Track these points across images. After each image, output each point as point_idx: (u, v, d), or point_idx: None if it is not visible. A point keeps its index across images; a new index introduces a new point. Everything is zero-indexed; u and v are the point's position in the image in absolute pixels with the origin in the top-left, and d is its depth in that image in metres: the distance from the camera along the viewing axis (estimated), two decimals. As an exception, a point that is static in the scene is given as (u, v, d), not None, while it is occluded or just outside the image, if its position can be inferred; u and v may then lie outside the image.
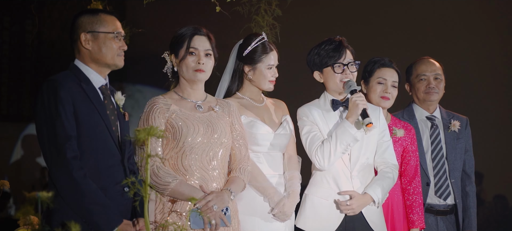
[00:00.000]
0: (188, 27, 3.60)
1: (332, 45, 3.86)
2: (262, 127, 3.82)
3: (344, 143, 3.73)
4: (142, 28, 5.12)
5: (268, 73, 3.86)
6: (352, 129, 3.73)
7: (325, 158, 3.76)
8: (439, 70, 4.55)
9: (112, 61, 3.31)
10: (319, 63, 3.88)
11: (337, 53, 3.84)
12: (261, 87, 3.90)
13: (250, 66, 3.87)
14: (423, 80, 4.53)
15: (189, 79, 3.57)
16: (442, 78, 4.55)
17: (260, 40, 3.88)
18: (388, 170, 3.90)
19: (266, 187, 3.77)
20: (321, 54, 3.87)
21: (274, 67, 3.89)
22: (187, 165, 3.46)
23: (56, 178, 3.13)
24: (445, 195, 4.43)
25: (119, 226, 3.15)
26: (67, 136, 3.12)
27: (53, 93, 3.15)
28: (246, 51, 3.88)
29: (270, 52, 3.87)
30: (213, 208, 3.38)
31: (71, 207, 3.11)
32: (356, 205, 3.77)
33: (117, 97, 3.38)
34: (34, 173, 9.70)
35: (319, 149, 3.78)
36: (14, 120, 10.24)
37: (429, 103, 4.55)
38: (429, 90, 4.52)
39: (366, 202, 3.81)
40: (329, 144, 3.75)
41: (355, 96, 3.75)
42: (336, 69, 3.84)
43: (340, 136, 3.73)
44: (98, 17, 3.30)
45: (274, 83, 3.91)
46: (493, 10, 8.55)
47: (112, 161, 3.26)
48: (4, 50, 10.22)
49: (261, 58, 3.85)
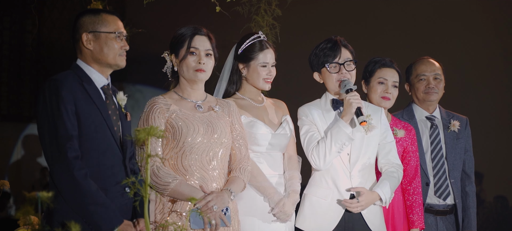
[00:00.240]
0: (188, 27, 3.59)
1: (328, 45, 3.86)
2: (262, 127, 3.81)
3: (339, 142, 3.73)
4: (142, 28, 5.12)
5: (261, 71, 3.83)
6: (346, 128, 3.72)
7: (321, 158, 3.76)
8: (439, 70, 4.55)
9: (113, 61, 3.30)
10: (317, 64, 3.88)
11: (333, 52, 3.84)
12: (255, 85, 3.87)
13: (244, 64, 3.86)
14: (422, 80, 4.53)
15: (190, 79, 3.56)
16: (442, 78, 4.55)
17: (255, 38, 3.87)
18: (393, 169, 3.91)
19: (266, 186, 3.76)
20: (318, 55, 3.87)
21: (269, 66, 3.85)
22: (187, 165, 3.46)
23: (57, 177, 3.13)
24: (445, 195, 4.43)
25: (120, 226, 3.14)
26: (68, 136, 3.11)
27: (55, 93, 3.14)
28: (240, 50, 3.88)
29: (264, 50, 3.84)
30: (213, 208, 3.37)
31: (72, 206, 3.10)
32: (365, 202, 3.77)
33: (119, 98, 3.36)
34: (34, 173, 9.69)
35: (314, 149, 3.78)
36: (14, 120, 10.24)
37: (428, 103, 4.54)
38: (428, 90, 4.52)
39: (373, 200, 3.81)
40: (324, 144, 3.75)
41: (349, 95, 3.74)
42: (331, 69, 3.84)
43: (334, 135, 3.73)
44: (100, 17, 3.29)
45: (269, 83, 3.87)
46: (493, 10, 8.55)
47: (113, 161, 3.26)
48: (4, 50, 10.21)
49: (255, 56, 3.83)
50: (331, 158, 3.77)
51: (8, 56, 10.24)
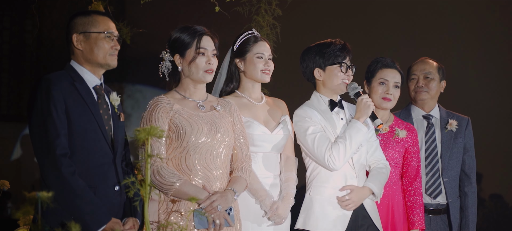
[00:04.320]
0: (190, 26, 3.57)
1: (338, 45, 3.88)
2: (258, 127, 3.80)
3: (357, 143, 3.79)
4: (142, 28, 5.12)
5: (258, 62, 3.82)
6: (364, 129, 3.78)
7: (340, 158, 3.77)
8: (432, 69, 4.54)
9: (104, 60, 3.35)
10: (323, 61, 3.88)
11: (342, 53, 3.87)
12: (254, 78, 3.86)
13: (240, 58, 3.87)
14: (413, 80, 4.56)
15: (198, 80, 3.55)
16: (435, 77, 4.53)
17: (249, 34, 3.89)
18: (381, 165, 3.96)
19: (258, 189, 3.75)
20: (327, 53, 3.87)
21: (265, 57, 3.84)
22: (190, 165, 3.45)
23: (45, 174, 3.19)
24: (435, 193, 4.43)
25: (108, 224, 3.18)
26: (57, 134, 3.17)
27: (45, 92, 3.20)
28: (235, 46, 3.89)
29: (258, 42, 3.86)
30: (217, 208, 3.38)
31: (60, 204, 3.13)
32: (356, 198, 3.81)
33: (112, 98, 3.42)
34: (34, 173, 9.68)
35: (333, 149, 3.77)
36: (14, 120, 10.23)
37: (421, 102, 4.55)
38: (417, 89, 4.54)
39: (365, 195, 3.85)
40: (344, 144, 3.76)
41: (365, 97, 3.80)
42: (342, 69, 3.85)
43: (354, 136, 3.76)
44: (91, 18, 3.36)
45: (268, 75, 3.85)
46: (493, 10, 8.54)
47: (103, 160, 3.30)
48: (4, 50, 10.20)
49: (249, 48, 3.84)
50: (348, 158, 3.81)
51: (8, 56, 10.24)
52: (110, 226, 3.19)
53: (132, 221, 3.34)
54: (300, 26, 7.90)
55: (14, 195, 8.56)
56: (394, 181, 4.18)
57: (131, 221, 3.33)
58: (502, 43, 8.55)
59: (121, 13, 8.26)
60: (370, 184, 3.87)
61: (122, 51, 3.46)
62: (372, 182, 3.87)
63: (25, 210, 2.58)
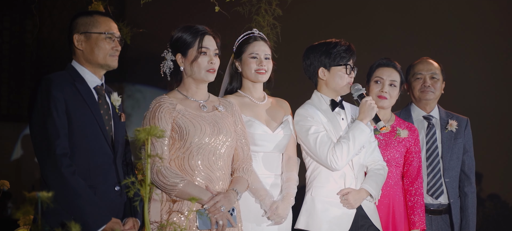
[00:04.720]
0: (192, 26, 3.57)
1: (343, 46, 3.88)
2: (260, 126, 3.80)
3: (360, 144, 3.80)
4: (142, 28, 5.12)
5: (251, 63, 3.81)
6: (367, 130, 3.79)
7: (344, 158, 3.77)
8: (437, 70, 4.55)
9: (104, 61, 3.36)
10: (329, 61, 3.87)
11: (347, 55, 3.88)
12: (249, 78, 3.85)
13: (237, 59, 3.88)
14: (419, 79, 4.55)
15: (200, 79, 3.55)
16: (439, 78, 4.55)
17: (248, 34, 3.88)
18: (379, 166, 3.96)
19: (258, 188, 3.75)
20: (333, 53, 3.86)
21: (260, 57, 3.82)
22: (193, 165, 3.45)
23: (45, 174, 3.19)
24: (437, 194, 4.43)
25: (108, 224, 3.18)
26: (57, 134, 3.17)
27: (46, 92, 3.21)
28: (235, 47, 3.90)
29: (252, 42, 3.84)
30: (221, 209, 3.38)
31: (60, 203, 3.13)
32: (352, 199, 3.81)
33: (113, 98, 3.42)
34: (34, 173, 9.68)
35: (336, 149, 3.77)
36: (14, 120, 10.22)
37: (425, 102, 4.55)
38: (424, 89, 4.53)
39: (362, 197, 3.85)
40: (348, 145, 3.76)
41: (369, 99, 3.82)
42: (347, 70, 3.86)
43: (357, 136, 3.77)
44: (92, 19, 3.37)
45: (263, 74, 3.83)
46: (493, 10, 8.54)
47: (103, 160, 3.31)
48: (4, 50, 10.20)
49: (244, 48, 3.84)
50: (350, 159, 3.81)
51: (8, 56, 10.23)
52: (110, 226, 3.19)
53: (132, 221, 3.34)
54: (300, 26, 7.89)
55: (14, 195, 8.56)
56: (395, 181, 4.18)
57: (131, 221, 3.33)
58: (502, 43, 8.55)
59: (121, 13, 8.26)
60: (366, 186, 3.87)
61: (122, 51, 3.47)
62: (369, 184, 3.87)
63: (25, 210, 2.58)
